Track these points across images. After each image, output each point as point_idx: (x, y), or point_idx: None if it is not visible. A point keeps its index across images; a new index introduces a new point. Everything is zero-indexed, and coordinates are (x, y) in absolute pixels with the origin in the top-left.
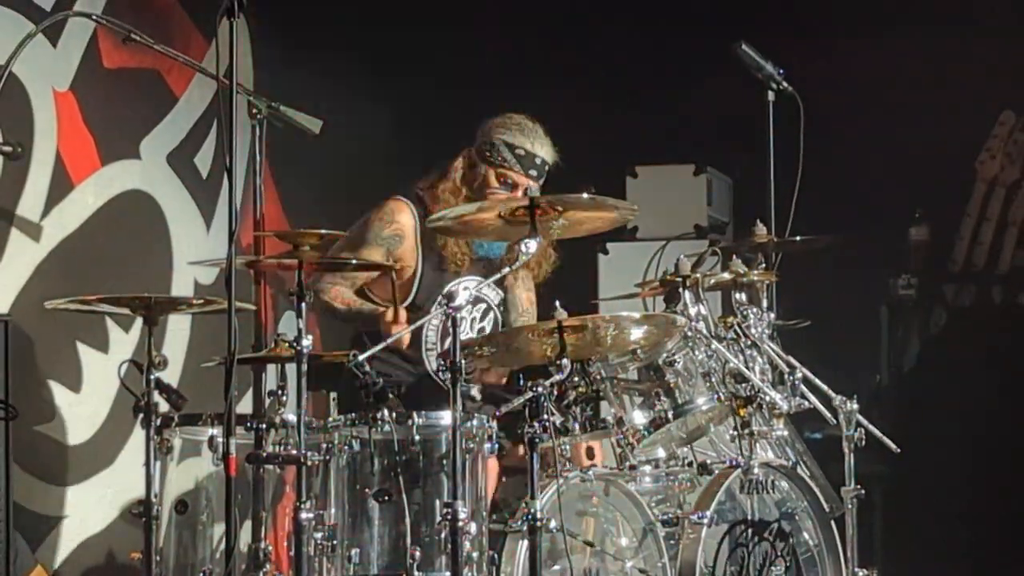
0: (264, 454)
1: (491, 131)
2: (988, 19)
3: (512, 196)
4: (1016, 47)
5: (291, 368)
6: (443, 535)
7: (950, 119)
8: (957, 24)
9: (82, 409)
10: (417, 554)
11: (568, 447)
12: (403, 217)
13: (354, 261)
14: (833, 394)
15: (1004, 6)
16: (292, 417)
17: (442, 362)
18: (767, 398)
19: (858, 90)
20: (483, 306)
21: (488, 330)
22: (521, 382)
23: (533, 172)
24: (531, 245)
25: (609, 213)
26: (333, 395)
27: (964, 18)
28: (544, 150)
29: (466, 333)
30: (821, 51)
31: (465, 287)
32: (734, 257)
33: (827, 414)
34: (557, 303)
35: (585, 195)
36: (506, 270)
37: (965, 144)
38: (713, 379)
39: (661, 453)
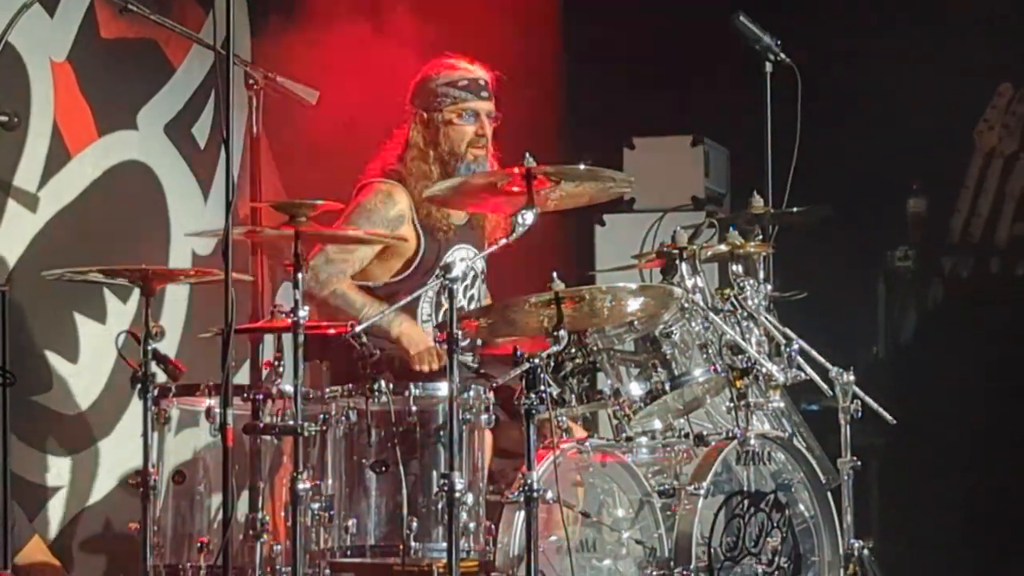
0: (261, 425)
1: (425, 85)
2: None
3: (481, 125)
4: (1014, 19)
5: (288, 339)
6: (440, 506)
7: (948, 91)
8: None
9: (80, 379)
10: (414, 524)
11: (564, 419)
12: (400, 197)
13: (352, 232)
14: (829, 366)
15: None
16: (289, 388)
17: (438, 333)
18: (763, 370)
19: (856, 62)
20: (471, 273)
21: (478, 296)
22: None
23: (484, 94)
24: (528, 217)
25: (603, 184)
26: (326, 364)
27: None
28: (480, 71)
29: (459, 301)
30: (819, 23)
31: (462, 259)
32: (731, 229)
33: (823, 386)
34: (554, 274)
35: (582, 165)
36: (502, 241)
37: (963, 116)
38: (710, 351)
39: (657, 424)
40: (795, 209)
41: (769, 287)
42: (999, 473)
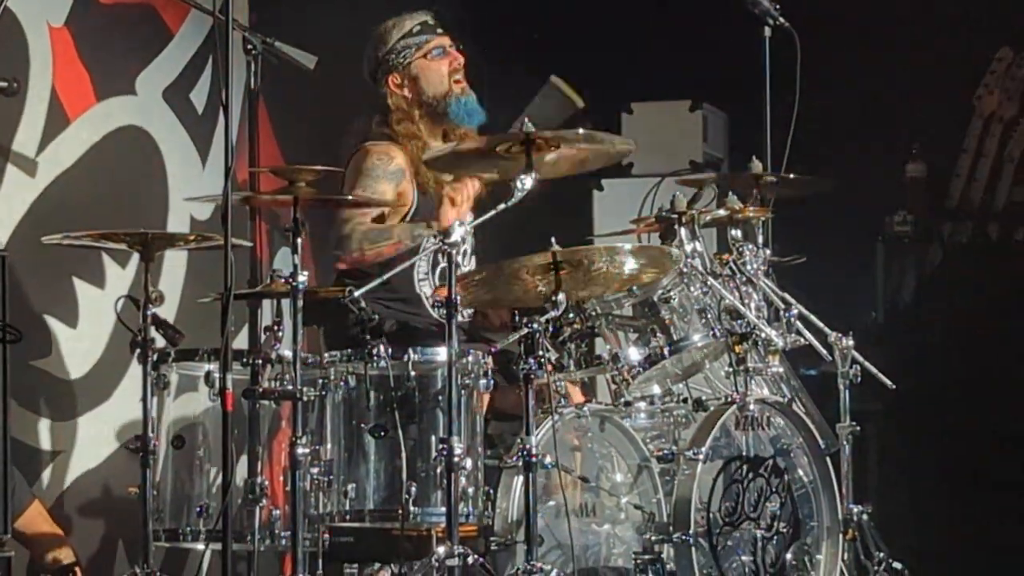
0: (260, 389)
1: (382, 48)
2: None
3: (453, 57)
4: None
5: (287, 303)
6: (439, 470)
7: (947, 55)
8: None
9: (79, 344)
10: (413, 489)
11: (563, 384)
12: (397, 154)
13: (350, 197)
14: (828, 331)
15: None
16: (288, 352)
17: (437, 298)
18: (762, 335)
19: (855, 26)
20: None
21: (470, 252)
22: (517, 319)
23: (439, 30)
24: (527, 181)
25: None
26: (322, 330)
27: None
28: (427, 15)
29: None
30: None
31: (460, 223)
32: (730, 193)
33: (822, 351)
34: (553, 239)
35: (580, 130)
36: (501, 206)
37: (962, 80)
38: (708, 316)
39: (656, 389)
40: (792, 175)
41: (768, 252)
42: (998, 438)
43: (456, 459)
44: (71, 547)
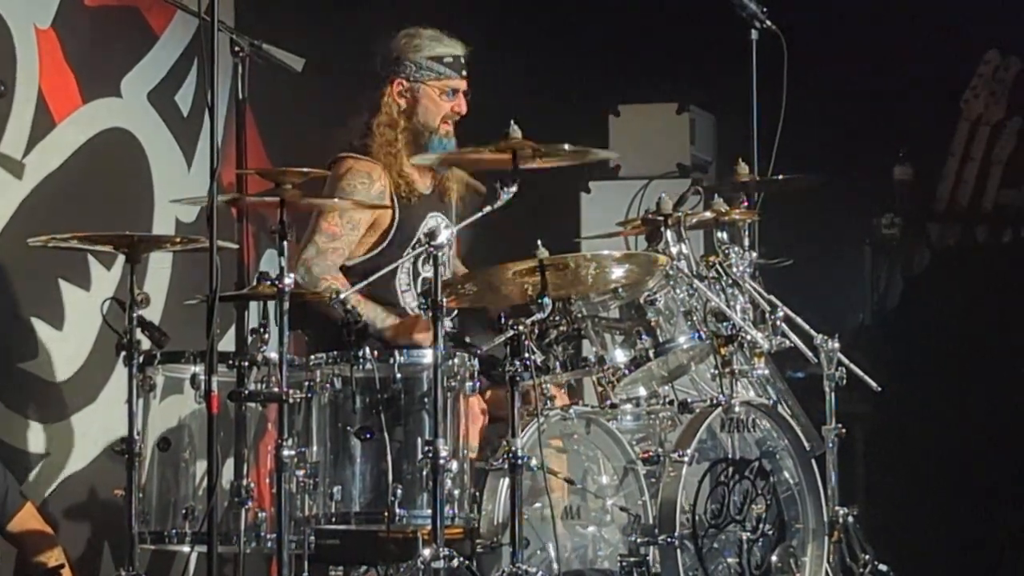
0: (246, 392)
1: (407, 52)
2: None
3: (459, 103)
4: None
5: (273, 306)
6: (424, 473)
7: (934, 58)
8: None
9: (65, 346)
10: (399, 491)
11: (548, 386)
12: (377, 173)
13: (338, 200)
14: (815, 333)
15: None
16: (274, 355)
17: (423, 300)
18: (748, 337)
19: (842, 28)
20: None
21: (448, 265)
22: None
23: (464, 72)
24: (511, 187)
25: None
26: (306, 334)
27: None
28: (461, 48)
29: (429, 270)
30: None
31: (447, 225)
32: (716, 196)
33: (808, 353)
34: (539, 242)
35: (567, 146)
36: (486, 210)
37: (949, 83)
38: (694, 318)
39: (642, 391)
40: (780, 176)
41: (754, 254)
42: (983, 440)
43: (442, 461)
44: (62, 549)
